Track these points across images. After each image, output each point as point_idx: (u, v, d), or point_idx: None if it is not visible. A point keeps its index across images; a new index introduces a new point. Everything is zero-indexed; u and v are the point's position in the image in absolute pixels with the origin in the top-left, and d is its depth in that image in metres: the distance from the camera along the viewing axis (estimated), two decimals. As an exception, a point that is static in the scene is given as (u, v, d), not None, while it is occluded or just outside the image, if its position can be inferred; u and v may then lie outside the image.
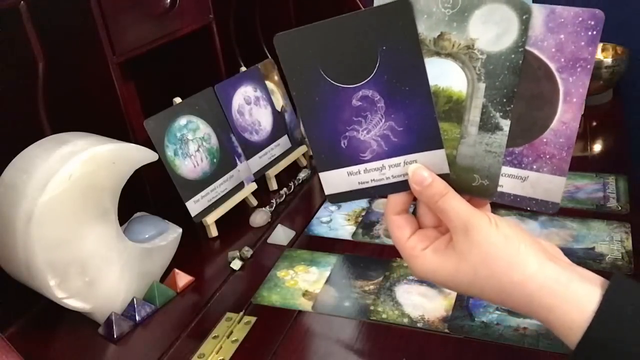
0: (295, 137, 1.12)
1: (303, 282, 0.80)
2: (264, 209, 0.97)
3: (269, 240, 0.90)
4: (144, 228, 0.82)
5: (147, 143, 0.81)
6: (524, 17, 0.43)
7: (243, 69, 1.06)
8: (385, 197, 0.50)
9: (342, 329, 0.71)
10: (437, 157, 0.47)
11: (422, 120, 0.46)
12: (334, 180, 0.50)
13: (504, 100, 0.45)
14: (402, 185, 0.48)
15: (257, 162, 1.03)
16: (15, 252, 0.67)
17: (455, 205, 0.46)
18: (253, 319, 0.73)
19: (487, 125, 0.46)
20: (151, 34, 0.88)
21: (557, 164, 0.47)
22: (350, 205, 0.97)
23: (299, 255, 0.86)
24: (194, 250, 0.90)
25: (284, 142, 1.09)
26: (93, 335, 0.74)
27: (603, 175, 0.98)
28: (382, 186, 0.49)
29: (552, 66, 0.45)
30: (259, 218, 0.95)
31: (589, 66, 0.44)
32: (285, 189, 1.03)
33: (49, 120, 0.84)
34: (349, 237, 0.90)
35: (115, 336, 0.72)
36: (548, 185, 0.48)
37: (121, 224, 0.77)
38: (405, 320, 0.71)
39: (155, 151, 0.78)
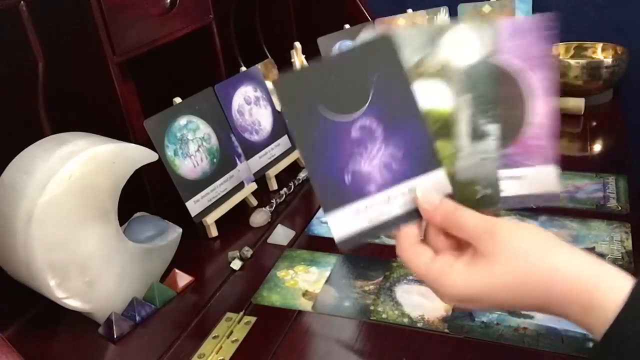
0: (295, 137, 1.11)
1: (303, 282, 0.80)
2: (264, 209, 0.97)
3: (269, 240, 0.90)
4: (144, 228, 0.82)
5: (147, 143, 0.81)
6: (488, 31, 0.48)
7: (243, 69, 1.06)
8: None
9: (342, 329, 0.71)
10: (439, 178, 0.49)
11: (418, 143, 0.48)
12: (342, 222, 0.50)
13: (488, 106, 0.49)
14: (411, 215, 0.49)
15: (257, 162, 1.03)
16: (15, 252, 0.67)
17: (471, 215, 0.47)
18: (253, 319, 0.73)
19: (476, 133, 0.49)
20: (151, 34, 0.88)
21: (544, 153, 0.51)
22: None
23: (299, 255, 0.86)
24: (194, 250, 0.90)
25: (284, 142, 1.09)
26: (93, 335, 0.73)
27: (603, 175, 0.98)
28: (391, 220, 0.49)
29: (518, 67, 0.50)
30: (259, 218, 0.95)
31: (549, 62, 0.50)
32: (285, 189, 1.03)
33: (49, 120, 0.84)
34: (349, 237, 0.89)
35: (115, 336, 0.72)
36: (542, 176, 0.51)
37: (121, 224, 0.77)
38: (405, 320, 0.71)
39: (155, 151, 0.78)
